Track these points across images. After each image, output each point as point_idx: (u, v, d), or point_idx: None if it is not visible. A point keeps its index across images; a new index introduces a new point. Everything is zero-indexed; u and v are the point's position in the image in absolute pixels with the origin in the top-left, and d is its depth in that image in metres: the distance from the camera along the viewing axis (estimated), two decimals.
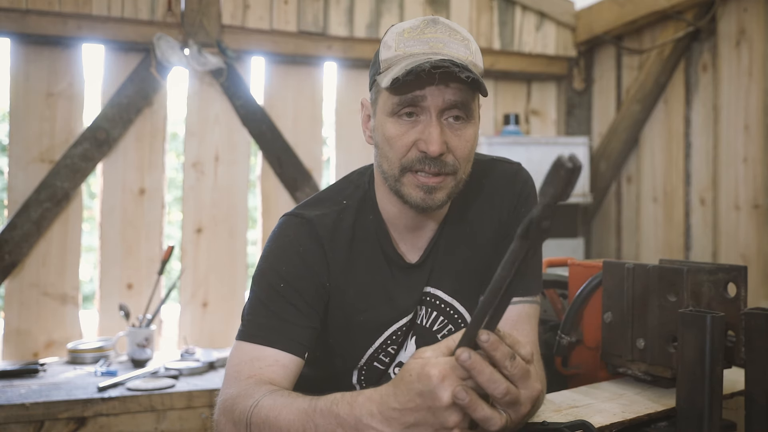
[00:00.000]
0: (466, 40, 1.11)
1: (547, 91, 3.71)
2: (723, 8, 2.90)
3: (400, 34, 1.10)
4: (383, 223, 1.21)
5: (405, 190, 1.11)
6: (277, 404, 0.93)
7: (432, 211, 1.16)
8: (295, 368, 1.11)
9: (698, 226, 3.02)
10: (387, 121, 1.10)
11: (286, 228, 1.19)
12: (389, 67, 1.09)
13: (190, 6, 2.89)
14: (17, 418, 2.16)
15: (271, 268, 1.16)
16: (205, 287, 3.05)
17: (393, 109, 1.08)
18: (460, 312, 1.26)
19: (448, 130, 1.08)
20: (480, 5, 3.44)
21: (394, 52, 1.09)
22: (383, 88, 1.08)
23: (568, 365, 1.51)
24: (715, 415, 1.01)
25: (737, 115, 2.83)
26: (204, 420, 2.39)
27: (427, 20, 1.11)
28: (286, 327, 1.12)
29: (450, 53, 1.07)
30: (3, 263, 2.69)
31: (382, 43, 1.13)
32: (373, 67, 1.15)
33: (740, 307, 1.13)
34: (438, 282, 1.24)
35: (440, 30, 1.09)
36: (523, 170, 1.28)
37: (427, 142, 1.06)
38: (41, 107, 2.80)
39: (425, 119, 1.07)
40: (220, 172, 3.08)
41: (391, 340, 1.23)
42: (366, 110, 1.20)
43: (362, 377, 1.27)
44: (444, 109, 1.07)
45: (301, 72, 3.21)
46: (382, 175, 1.15)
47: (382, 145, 1.12)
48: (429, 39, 1.08)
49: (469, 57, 1.09)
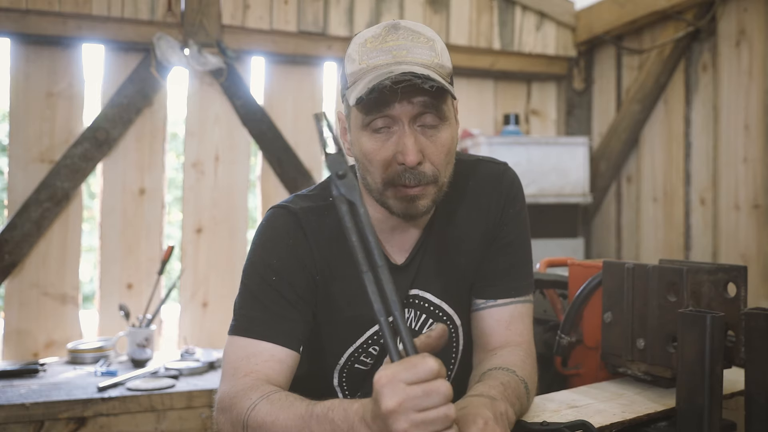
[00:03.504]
0: (431, 40, 1.09)
1: (547, 91, 3.71)
2: (723, 8, 2.90)
3: (362, 44, 1.08)
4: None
5: (389, 202, 1.11)
6: (274, 408, 0.94)
7: (418, 218, 1.16)
8: (291, 362, 1.11)
9: (698, 226, 3.02)
10: (362, 135, 1.09)
11: (274, 220, 1.19)
12: (355, 81, 1.08)
13: (190, 6, 2.89)
14: (17, 418, 2.16)
15: (262, 260, 1.16)
16: (205, 287, 3.05)
17: (364, 123, 1.07)
18: (449, 314, 1.25)
19: (422, 136, 1.07)
20: (480, 5, 3.44)
21: (358, 65, 1.07)
22: (351, 106, 1.07)
23: (568, 365, 1.51)
24: (715, 415, 1.01)
25: (737, 115, 2.83)
26: (204, 420, 2.39)
27: (388, 26, 1.09)
28: (279, 321, 1.12)
29: (414, 59, 1.05)
30: (3, 263, 2.69)
31: (346, 56, 1.11)
32: (341, 82, 1.14)
33: (740, 307, 1.13)
34: (425, 284, 1.23)
35: (402, 35, 1.07)
36: (509, 170, 1.28)
37: (404, 153, 1.04)
38: (41, 107, 2.80)
39: (398, 129, 1.06)
40: (220, 172, 3.08)
41: (373, 341, 1.22)
42: (342, 123, 1.18)
43: (344, 379, 1.26)
44: (415, 116, 1.06)
45: (301, 72, 3.21)
46: (366, 187, 1.14)
47: (361, 160, 1.11)
48: (391, 47, 1.06)
49: (435, 59, 1.07)
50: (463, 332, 1.28)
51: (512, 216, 1.25)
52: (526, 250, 1.27)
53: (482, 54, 3.41)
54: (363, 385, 1.27)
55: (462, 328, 1.27)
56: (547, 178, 3.17)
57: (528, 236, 1.28)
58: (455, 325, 1.26)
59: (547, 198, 3.16)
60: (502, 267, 1.24)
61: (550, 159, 3.18)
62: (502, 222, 1.24)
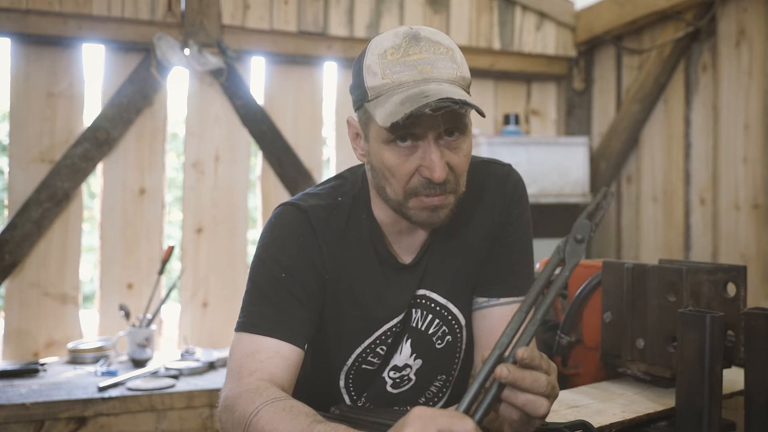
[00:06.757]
0: (450, 50, 1.07)
1: (547, 91, 3.71)
2: (723, 8, 2.90)
3: (382, 56, 1.06)
4: (376, 223, 1.20)
5: (411, 213, 1.11)
6: (275, 417, 0.94)
7: (437, 227, 1.16)
8: (296, 359, 1.10)
9: (698, 226, 3.02)
10: (384, 149, 1.08)
11: (284, 217, 1.18)
12: (378, 96, 1.06)
13: (191, 6, 2.89)
14: (17, 417, 2.16)
15: (272, 257, 1.15)
16: (205, 287, 3.05)
17: (389, 138, 1.07)
18: (455, 314, 1.26)
19: (446, 149, 1.07)
20: (480, 5, 3.44)
21: (381, 79, 1.05)
22: (378, 123, 1.05)
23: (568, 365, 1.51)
24: (714, 415, 1.02)
25: (737, 115, 2.83)
26: (204, 420, 2.39)
27: (408, 37, 1.06)
28: (287, 317, 1.11)
29: (440, 75, 1.04)
30: (3, 263, 2.69)
31: (365, 67, 1.08)
32: (357, 90, 1.11)
33: (740, 307, 1.14)
34: (432, 284, 1.24)
35: (424, 48, 1.05)
36: (513, 172, 1.28)
37: (431, 170, 1.05)
38: (41, 107, 2.80)
39: (424, 145, 1.06)
40: (220, 172, 3.08)
41: (380, 341, 1.23)
42: (354, 129, 1.17)
43: (350, 380, 1.26)
44: (441, 132, 1.06)
45: (301, 72, 3.21)
46: (383, 197, 1.14)
47: (381, 171, 1.11)
48: (416, 62, 1.04)
49: (458, 72, 1.06)
50: (467, 332, 1.29)
51: (516, 216, 1.25)
52: (528, 251, 1.28)
53: (482, 54, 3.41)
54: (369, 386, 1.27)
55: (466, 329, 1.28)
56: (547, 178, 3.17)
57: (531, 237, 1.29)
58: (460, 325, 1.27)
59: (547, 198, 3.16)
60: (505, 266, 1.25)
61: (550, 159, 3.18)
62: (506, 222, 1.25)
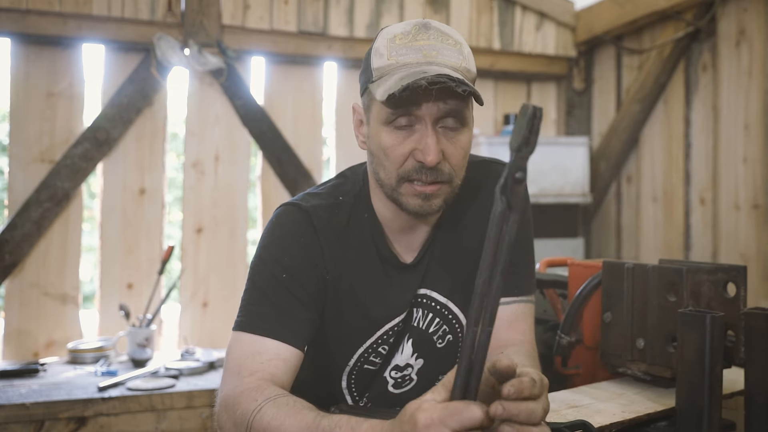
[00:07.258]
0: (459, 43, 1.10)
1: (547, 91, 3.71)
2: (723, 8, 2.90)
3: (391, 40, 1.08)
4: (378, 222, 1.20)
5: (402, 199, 1.11)
6: (280, 414, 0.94)
7: (428, 217, 1.16)
8: (295, 361, 1.10)
9: (698, 226, 3.02)
10: (382, 130, 1.09)
11: (285, 217, 1.18)
12: (382, 76, 1.08)
13: (190, 6, 2.89)
14: (17, 417, 2.16)
15: (273, 257, 1.15)
16: (205, 287, 3.05)
17: (387, 119, 1.07)
18: (455, 313, 1.26)
19: (444, 137, 1.08)
20: (480, 5, 3.44)
21: (387, 60, 1.07)
22: (378, 100, 1.07)
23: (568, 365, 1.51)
24: (714, 415, 1.02)
25: (737, 115, 2.83)
26: (204, 420, 2.39)
27: (419, 25, 1.09)
28: (287, 318, 1.11)
29: (444, 61, 1.06)
30: (3, 263, 2.69)
31: (373, 50, 1.11)
32: (364, 74, 1.13)
33: (740, 307, 1.13)
34: (432, 283, 1.24)
35: (432, 36, 1.08)
36: None
37: (424, 153, 1.05)
38: (41, 107, 2.80)
39: (421, 128, 1.07)
40: (220, 172, 3.08)
41: (382, 340, 1.23)
42: (358, 115, 1.18)
43: (352, 381, 1.26)
44: (439, 117, 1.06)
45: (301, 72, 3.21)
46: (378, 182, 1.14)
47: (377, 154, 1.11)
48: (422, 46, 1.06)
49: (462, 63, 1.08)
50: None
51: None
52: (529, 251, 1.28)
53: (482, 54, 3.41)
54: (371, 387, 1.27)
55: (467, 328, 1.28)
56: (547, 178, 3.17)
57: (531, 237, 1.29)
58: (461, 324, 1.27)
59: (547, 198, 3.16)
60: None
61: (550, 159, 3.18)
62: None
